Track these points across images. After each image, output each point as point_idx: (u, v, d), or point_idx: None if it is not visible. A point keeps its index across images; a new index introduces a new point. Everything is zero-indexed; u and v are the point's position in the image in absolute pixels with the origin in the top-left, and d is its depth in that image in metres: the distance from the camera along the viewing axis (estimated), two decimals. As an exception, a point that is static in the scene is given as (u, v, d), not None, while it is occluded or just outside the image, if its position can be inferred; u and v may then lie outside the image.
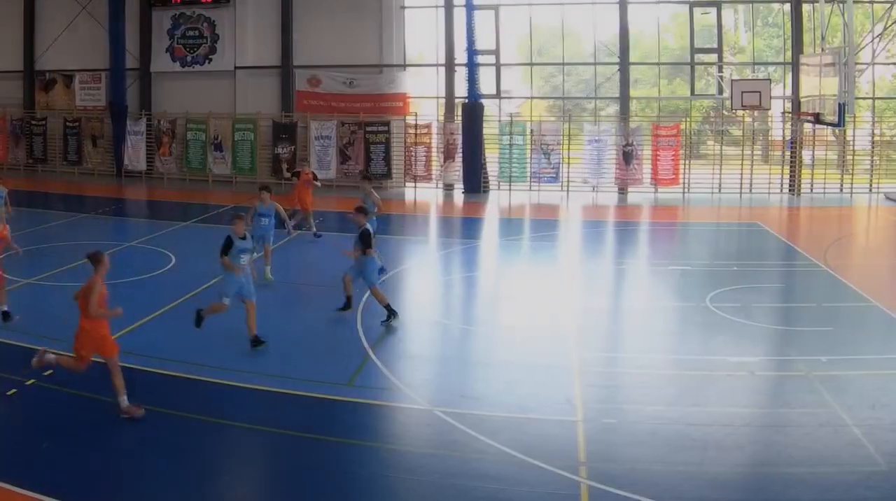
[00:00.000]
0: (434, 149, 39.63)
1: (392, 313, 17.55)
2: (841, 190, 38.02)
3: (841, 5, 29.26)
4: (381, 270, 19.85)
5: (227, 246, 15.99)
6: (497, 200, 37.64)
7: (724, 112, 40.32)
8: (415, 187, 38.84)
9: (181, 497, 10.60)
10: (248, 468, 11.94)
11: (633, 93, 40.40)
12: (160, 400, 13.27)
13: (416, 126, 39.57)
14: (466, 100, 38.59)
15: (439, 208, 35.38)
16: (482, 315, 19.77)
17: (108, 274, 12.76)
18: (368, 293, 18.22)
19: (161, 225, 29.72)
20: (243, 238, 16.28)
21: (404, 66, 40.88)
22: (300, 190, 26.72)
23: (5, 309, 17.26)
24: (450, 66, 39.78)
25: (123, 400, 12.54)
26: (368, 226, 17.95)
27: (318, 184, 28.02)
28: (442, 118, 40.25)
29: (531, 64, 42.19)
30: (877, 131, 38.56)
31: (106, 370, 12.59)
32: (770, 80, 37.14)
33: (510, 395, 13.95)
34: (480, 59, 38.53)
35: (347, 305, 18.06)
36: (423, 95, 41.47)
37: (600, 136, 38.25)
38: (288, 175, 34.83)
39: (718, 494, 10.78)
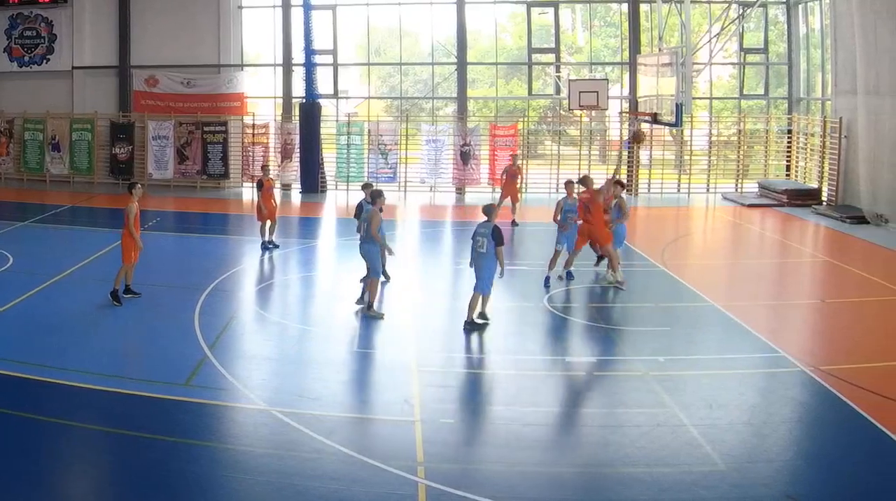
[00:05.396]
0: (272, 149, 39.25)
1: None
2: (678, 190, 38.93)
3: (678, 5, 29.66)
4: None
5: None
6: (335, 200, 37.36)
7: (561, 112, 40.89)
8: (252, 187, 38.05)
9: (14, 498, 10.35)
10: (82, 468, 11.57)
11: (470, 93, 40.71)
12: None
13: (253, 126, 39.54)
14: (304, 100, 38.34)
15: (277, 208, 34.70)
16: (320, 314, 19.55)
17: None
18: (207, 293, 18.93)
19: (-2, 225, 28.90)
20: None
21: (242, 66, 40.63)
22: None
23: None
24: (287, 65, 39.67)
25: None
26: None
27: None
28: (279, 118, 40.08)
29: (369, 64, 42.16)
30: (714, 131, 39.70)
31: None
32: (607, 79, 37.60)
33: (348, 395, 14.01)
34: (318, 58, 38.44)
35: None
36: (260, 95, 41.37)
37: (438, 136, 38.35)
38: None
39: (556, 494, 10.81)
